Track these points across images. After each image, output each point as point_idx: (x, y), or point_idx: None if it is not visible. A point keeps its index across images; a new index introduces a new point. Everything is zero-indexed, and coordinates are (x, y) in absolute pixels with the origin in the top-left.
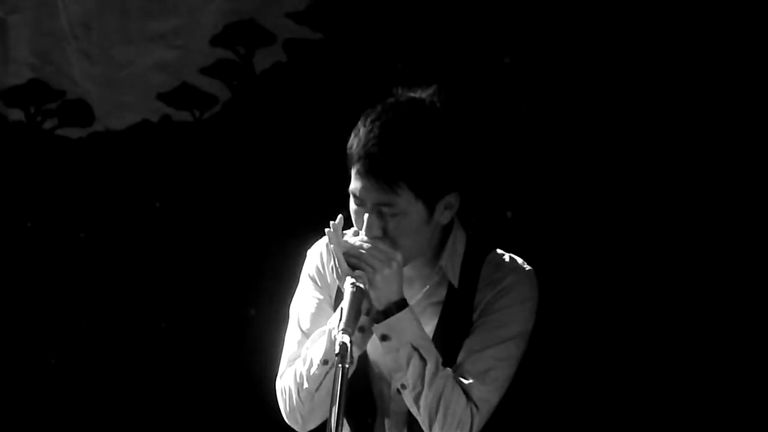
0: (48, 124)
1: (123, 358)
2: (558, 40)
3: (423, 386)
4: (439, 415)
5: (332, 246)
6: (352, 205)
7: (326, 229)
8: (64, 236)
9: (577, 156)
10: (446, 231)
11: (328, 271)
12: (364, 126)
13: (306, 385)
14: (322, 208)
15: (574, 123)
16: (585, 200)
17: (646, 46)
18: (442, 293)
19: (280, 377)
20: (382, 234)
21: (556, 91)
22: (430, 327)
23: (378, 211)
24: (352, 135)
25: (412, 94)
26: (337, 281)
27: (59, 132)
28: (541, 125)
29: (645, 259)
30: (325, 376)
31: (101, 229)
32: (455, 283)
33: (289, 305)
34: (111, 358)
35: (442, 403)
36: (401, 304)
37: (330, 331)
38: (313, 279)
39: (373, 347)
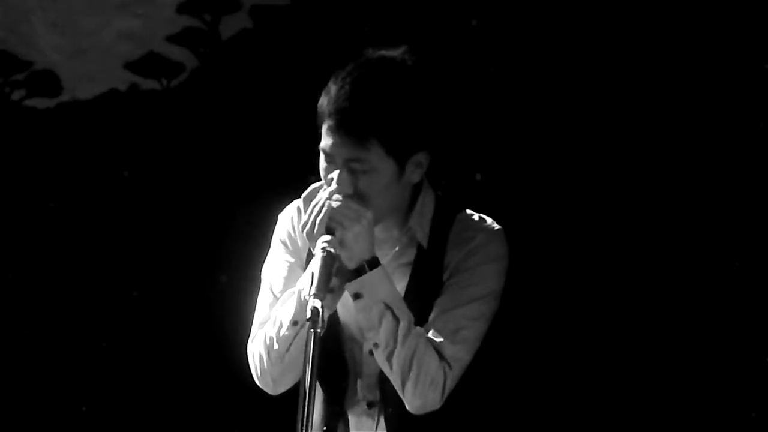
0: (16, 95)
1: (95, 326)
2: (524, 2)
3: (396, 344)
4: (412, 374)
5: (313, 201)
6: (322, 163)
7: (313, 183)
8: (33, 206)
9: (545, 118)
10: (415, 191)
11: (299, 235)
12: (335, 83)
13: (276, 346)
14: (290, 174)
15: (542, 85)
16: (554, 162)
17: (613, 8)
18: (411, 254)
19: (252, 340)
20: (352, 191)
21: (523, 53)
22: (400, 288)
23: (348, 168)
24: (323, 94)
25: (383, 53)
26: (308, 243)
27: (27, 102)
28: (508, 88)
29: (614, 221)
30: (295, 337)
31: (71, 198)
32: (424, 243)
33: (260, 270)
34: (83, 327)
35: (415, 361)
36: (373, 263)
37: (299, 292)
38: (284, 243)
39: (345, 309)
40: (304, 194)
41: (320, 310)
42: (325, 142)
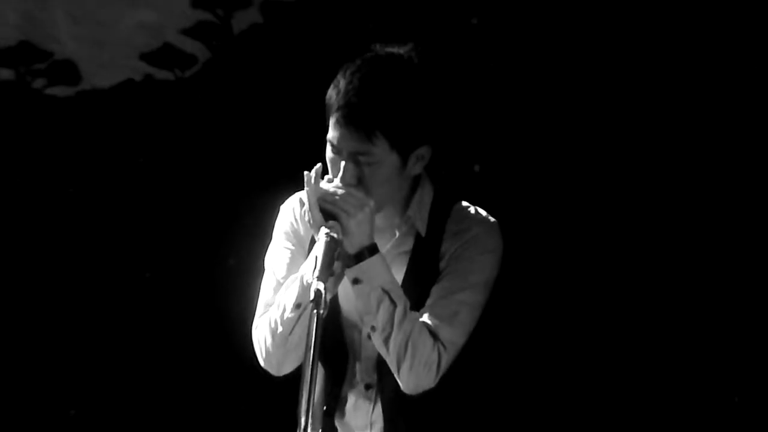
0: (37, 84)
1: (109, 306)
2: (523, 1)
3: (392, 328)
4: (408, 356)
5: (308, 190)
6: (329, 153)
7: (305, 173)
8: (53, 191)
9: (544, 112)
10: (415, 183)
11: (302, 224)
12: (344, 77)
13: (280, 329)
14: (298, 162)
15: (541, 80)
16: (551, 155)
17: (614, 5)
18: (410, 243)
19: (256, 323)
20: (356, 182)
21: (522, 50)
22: (399, 275)
23: (354, 160)
24: (331, 86)
25: (390, 50)
26: (312, 230)
27: (48, 91)
28: (507, 82)
29: (611, 214)
30: (298, 320)
31: (88, 183)
32: (423, 232)
33: (264, 257)
34: (97, 307)
35: (410, 344)
36: (373, 249)
37: (302, 277)
38: (286, 233)
39: (344, 295)
40: (297, 195)
41: (323, 292)
42: (333, 133)
